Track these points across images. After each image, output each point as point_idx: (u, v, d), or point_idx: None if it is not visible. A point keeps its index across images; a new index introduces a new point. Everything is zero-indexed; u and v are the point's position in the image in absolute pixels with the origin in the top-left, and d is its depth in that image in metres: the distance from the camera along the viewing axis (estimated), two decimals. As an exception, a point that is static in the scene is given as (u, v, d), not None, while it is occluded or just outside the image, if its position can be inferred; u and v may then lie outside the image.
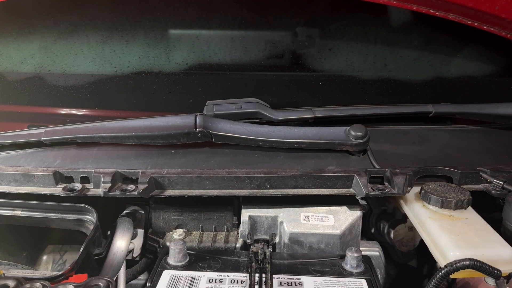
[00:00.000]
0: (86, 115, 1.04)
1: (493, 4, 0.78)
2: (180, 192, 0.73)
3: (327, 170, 0.73)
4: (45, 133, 0.82)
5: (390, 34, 0.99)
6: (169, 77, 1.01)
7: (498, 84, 1.06)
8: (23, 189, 0.73)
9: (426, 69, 1.02)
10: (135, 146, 0.82)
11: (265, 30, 0.99)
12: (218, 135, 0.79)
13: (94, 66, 1.00)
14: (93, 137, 0.80)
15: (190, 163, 0.78)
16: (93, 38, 0.98)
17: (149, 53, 0.99)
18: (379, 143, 0.85)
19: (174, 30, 0.98)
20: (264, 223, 0.76)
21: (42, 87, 1.02)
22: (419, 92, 1.03)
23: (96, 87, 1.02)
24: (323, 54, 1.01)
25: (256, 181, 0.72)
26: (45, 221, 0.76)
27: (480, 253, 0.57)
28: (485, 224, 0.64)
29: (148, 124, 0.80)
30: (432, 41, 0.99)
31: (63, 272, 0.61)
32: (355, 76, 1.02)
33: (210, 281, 0.62)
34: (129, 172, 0.73)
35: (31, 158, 0.80)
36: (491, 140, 0.90)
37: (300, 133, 0.80)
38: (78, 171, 0.73)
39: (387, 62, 1.01)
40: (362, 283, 0.62)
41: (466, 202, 0.67)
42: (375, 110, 0.93)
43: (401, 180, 0.70)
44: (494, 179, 0.71)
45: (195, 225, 0.80)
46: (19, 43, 0.99)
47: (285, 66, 1.02)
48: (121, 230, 0.73)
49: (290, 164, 0.77)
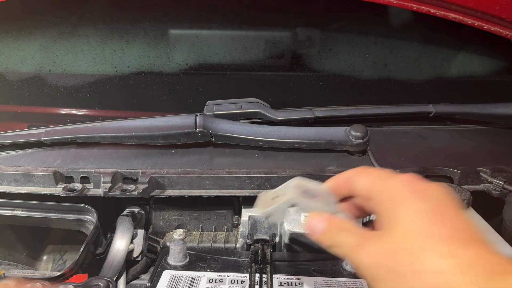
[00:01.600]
0: (86, 115, 1.04)
1: (494, 4, 0.78)
2: (180, 192, 0.73)
3: (327, 170, 0.73)
4: (45, 133, 0.82)
5: (390, 34, 0.99)
6: (169, 77, 1.01)
7: (498, 84, 1.06)
8: (23, 189, 0.73)
9: (426, 69, 1.02)
10: (135, 146, 0.82)
11: (265, 30, 0.99)
12: (218, 135, 0.79)
13: (94, 66, 1.00)
14: (93, 137, 0.80)
15: (190, 163, 0.78)
16: (93, 38, 0.98)
17: (149, 53, 0.99)
18: (379, 143, 0.85)
19: (174, 30, 0.98)
20: (264, 223, 0.76)
21: (42, 87, 1.02)
22: (419, 92, 1.03)
23: (96, 87, 1.02)
24: (323, 54, 1.01)
25: (256, 181, 0.72)
26: (45, 221, 0.76)
27: (481, 253, 0.57)
28: (486, 225, 0.64)
29: (148, 124, 0.80)
30: (433, 41, 0.99)
31: (63, 272, 0.61)
32: (355, 76, 1.02)
33: (210, 281, 0.62)
34: (129, 172, 0.73)
35: (31, 158, 0.80)
36: (492, 140, 0.90)
37: (300, 133, 0.80)
38: (78, 171, 0.73)
39: (387, 62, 1.01)
40: (362, 283, 0.62)
41: (466, 202, 0.67)
42: (376, 110, 0.93)
43: (401, 180, 0.70)
44: (494, 179, 0.71)
45: (195, 225, 0.80)
46: (19, 43, 0.99)
47: (285, 66, 1.02)
48: (121, 230, 0.73)
49: (290, 164, 0.77)
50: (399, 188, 0.43)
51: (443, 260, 0.36)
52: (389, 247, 0.40)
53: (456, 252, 0.37)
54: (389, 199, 0.43)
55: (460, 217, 0.40)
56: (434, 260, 0.36)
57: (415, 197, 0.41)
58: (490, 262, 0.36)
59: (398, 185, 0.43)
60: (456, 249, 0.37)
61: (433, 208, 0.40)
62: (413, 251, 0.38)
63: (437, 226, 0.39)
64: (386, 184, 0.44)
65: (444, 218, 0.39)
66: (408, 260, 0.38)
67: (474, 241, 0.38)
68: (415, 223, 0.40)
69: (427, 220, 0.39)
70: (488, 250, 0.37)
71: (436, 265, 0.36)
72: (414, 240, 0.38)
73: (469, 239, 0.38)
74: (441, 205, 0.41)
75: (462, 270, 0.35)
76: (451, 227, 0.39)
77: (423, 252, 0.37)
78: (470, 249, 0.37)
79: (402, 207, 0.41)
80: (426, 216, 0.40)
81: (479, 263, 0.35)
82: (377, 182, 0.45)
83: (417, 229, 0.39)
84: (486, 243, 0.38)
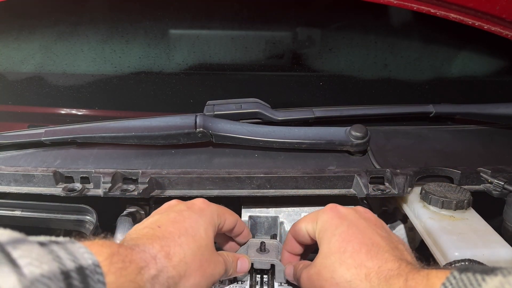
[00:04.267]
0: (86, 115, 1.04)
1: (494, 5, 0.78)
2: (180, 193, 0.73)
3: (327, 171, 0.73)
4: (45, 133, 0.82)
5: (390, 34, 0.99)
6: (169, 77, 1.01)
7: (498, 84, 1.06)
8: (23, 189, 0.73)
9: (427, 69, 1.02)
10: (135, 146, 0.82)
11: (265, 30, 0.99)
12: (219, 135, 0.79)
13: (94, 66, 1.00)
14: (93, 137, 0.80)
15: (190, 163, 0.77)
16: (93, 38, 0.98)
17: (150, 53, 0.99)
18: (379, 143, 0.85)
19: (174, 30, 0.98)
20: (264, 223, 0.76)
21: (42, 87, 1.02)
22: (420, 92, 1.03)
23: (97, 87, 1.01)
24: (324, 54, 1.01)
25: (257, 181, 0.72)
26: (45, 222, 0.76)
27: (481, 253, 0.57)
28: (486, 225, 0.64)
29: (148, 124, 0.80)
30: (433, 41, 0.99)
31: (63, 272, 0.61)
32: (355, 76, 1.02)
33: (210, 281, 0.62)
34: (129, 172, 0.73)
35: (31, 158, 0.80)
36: (492, 140, 0.90)
37: (301, 133, 0.80)
38: (78, 171, 0.73)
39: (387, 62, 1.01)
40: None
41: (467, 202, 0.67)
42: (376, 110, 0.93)
43: (401, 181, 0.70)
44: (494, 179, 0.71)
45: (195, 225, 0.80)
46: (19, 43, 0.99)
47: (286, 66, 1.02)
48: (121, 230, 0.73)
49: (290, 164, 0.77)
50: (324, 220, 0.53)
51: (353, 271, 0.45)
52: (316, 270, 0.50)
53: (364, 264, 0.45)
54: (319, 232, 0.53)
55: (372, 233, 0.49)
56: (346, 272, 0.46)
57: (335, 222, 0.52)
58: (390, 269, 0.44)
59: (324, 217, 0.54)
60: (364, 261, 0.46)
61: (348, 229, 0.50)
62: (332, 267, 0.47)
63: (351, 243, 0.48)
64: (317, 223, 0.54)
65: (357, 236, 0.49)
66: (329, 275, 0.47)
67: (382, 252, 0.46)
68: (333, 244, 0.49)
69: (342, 240, 0.49)
70: (391, 259, 0.45)
71: (347, 275, 0.46)
72: (332, 258, 0.48)
73: (376, 252, 0.46)
74: (356, 225, 0.51)
75: (366, 278, 0.44)
76: (362, 243, 0.48)
77: (338, 267, 0.47)
78: (375, 260, 0.45)
79: (324, 234, 0.52)
80: (342, 237, 0.49)
81: (380, 271, 0.44)
82: (309, 227, 0.56)
83: (334, 248, 0.49)
84: (394, 252, 0.47)
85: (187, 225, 0.51)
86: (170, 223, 0.51)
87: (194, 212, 0.54)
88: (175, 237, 0.49)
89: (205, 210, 0.56)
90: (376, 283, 0.43)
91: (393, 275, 0.43)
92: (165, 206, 0.58)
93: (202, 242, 0.51)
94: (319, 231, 0.53)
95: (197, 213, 0.54)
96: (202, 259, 0.50)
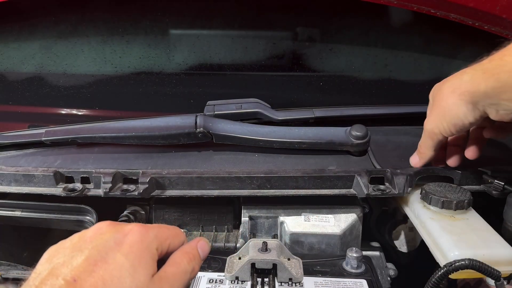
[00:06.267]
0: (87, 115, 1.04)
1: (494, 5, 0.78)
2: (180, 193, 0.73)
3: (327, 171, 0.73)
4: (46, 133, 0.82)
5: (390, 34, 0.99)
6: (169, 77, 1.01)
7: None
8: (24, 189, 0.73)
9: (427, 69, 1.02)
10: (136, 146, 0.82)
11: (265, 30, 0.99)
12: (219, 135, 0.79)
13: (94, 66, 1.00)
14: (93, 137, 0.80)
15: (190, 164, 0.78)
16: (93, 38, 0.98)
17: (150, 53, 0.99)
18: (380, 144, 0.85)
19: (174, 30, 0.98)
20: (264, 223, 0.76)
21: (42, 87, 1.02)
22: (420, 92, 1.03)
23: (97, 87, 1.01)
24: (324, 54, 1.01)
25: (257, 181, 0.72)
26: (45, 222, 0.76)
27: (481, 253, 0.57)
28: (486, 225, 0.64)
29: (149, 125, 0.80)
30: (433, 42, 0.99)
31: (64, 272, 0.61)
32: (355, 76, 1.02)
33: (211, 281, 0.62)
34: (129, 172, 0.73)
35: (31, 158, 0.80)
36: (492, 140, 0.90)
37: (301, 133, 0.80)
38: (78, 171, 0.73)
39: (387, 62, 1.01)
40: (362, 283, 0.62)
41: (467, 202, 0.67)
42: (376, 110, 0.93)
43: (401, 181, 0.70)
44: (494, 179, 0.71)
45: (196, 225, 0.80)
46: (19, 43, 0.99)
47: (286, 66, 1.02)
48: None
49: (290, 164, 0.77)
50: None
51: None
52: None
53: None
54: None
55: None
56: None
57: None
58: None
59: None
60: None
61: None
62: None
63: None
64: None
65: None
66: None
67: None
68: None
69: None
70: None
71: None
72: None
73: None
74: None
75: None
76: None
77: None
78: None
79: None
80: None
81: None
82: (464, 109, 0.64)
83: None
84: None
85: (107, 276, 0.39)
86: (88, 272, 0.39)
87: (122, 254, 0.41)
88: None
89: (136, 245, 0.43)
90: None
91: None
92: (78, 239, 0.46)
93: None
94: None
95: (124, 255, 0.41)
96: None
